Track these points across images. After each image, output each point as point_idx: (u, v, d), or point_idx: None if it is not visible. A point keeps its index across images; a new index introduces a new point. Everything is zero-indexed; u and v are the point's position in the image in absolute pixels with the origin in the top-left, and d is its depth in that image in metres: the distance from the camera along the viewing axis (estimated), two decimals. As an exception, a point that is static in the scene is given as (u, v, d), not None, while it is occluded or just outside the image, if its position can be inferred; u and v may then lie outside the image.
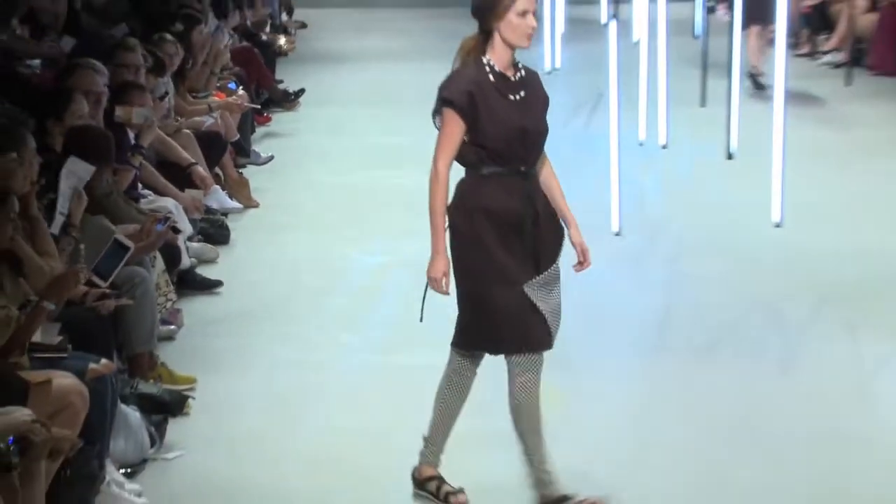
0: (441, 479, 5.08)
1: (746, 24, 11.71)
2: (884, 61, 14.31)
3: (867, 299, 7.38)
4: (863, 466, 5.44)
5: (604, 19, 15.26)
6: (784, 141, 8.59)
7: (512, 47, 4.80)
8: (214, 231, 8.56)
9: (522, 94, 4.87)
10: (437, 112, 4.87)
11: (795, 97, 11.30)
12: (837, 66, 14.55)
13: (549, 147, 5.10)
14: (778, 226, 8.42)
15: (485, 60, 4.80)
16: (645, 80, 10.41)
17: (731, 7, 11.10)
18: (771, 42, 11.77)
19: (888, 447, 5.60)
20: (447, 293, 4.84)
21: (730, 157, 9.76)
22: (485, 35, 4.82)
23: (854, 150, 11.04)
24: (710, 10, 17.02)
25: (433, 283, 4.87)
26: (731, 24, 11.05)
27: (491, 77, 4.79)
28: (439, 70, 15.99)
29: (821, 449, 5.59)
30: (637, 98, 10.17)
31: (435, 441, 5.12)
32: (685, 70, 12.22)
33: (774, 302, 7.43)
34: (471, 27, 4.94)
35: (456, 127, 4.76)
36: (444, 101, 4.78)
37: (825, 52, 15.30)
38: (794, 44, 15.67)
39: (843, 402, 6.10)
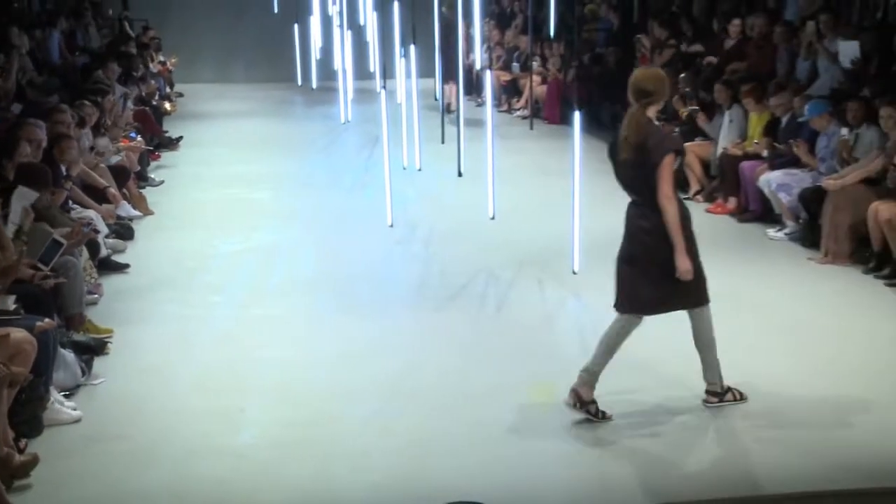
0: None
1: (446, 81, 12.41)
2: (551, 115, 14.64)
3: (548, 264, 7.50)
4: (553, 364, 5.50)
5: (378, 89, 15.14)
6: (493, 165, 8.62)
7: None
8: (123, 231, 8.26)
9: None
10: (660, 159, 4.55)
11: (499, 137, 11.39)
12: (524, 118, 14.79)
13: (346, 173, 5.00)
14: (492, 219, 8.48)
15: (657, 123, 4.74)
16: (405, 127, 10.33)
17: (456, 82, 11.21)
18: (482, 103, 11.92)
19: (566, 355, 5.68)
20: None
21: (460, 175, 9.76)
22: (647, 105, 4.62)
23: (535, 170, 11.22)
24: (445, 82, 17.10)
25: (687, 273, 4.57)
26: (457, 91, 11.09)
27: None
28: (274, 123, 15.58)
29: (523, 357, 5.65)
30: (401, 138, 10.11)
31: (599, 368, 4.76)
32: (431, 120, 12.22)
33: (492, 268, 7.50)
34: (292, 95, 4.80)
35: (673, 166, 4.58)
36: (671, 150, 4.58)
37: (516, 109, 15.56)
38: (497, 104, 15.90)
39: (536, 329, 6.17)
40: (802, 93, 8.69)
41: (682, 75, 10.68)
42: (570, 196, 6.91)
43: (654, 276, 4.64)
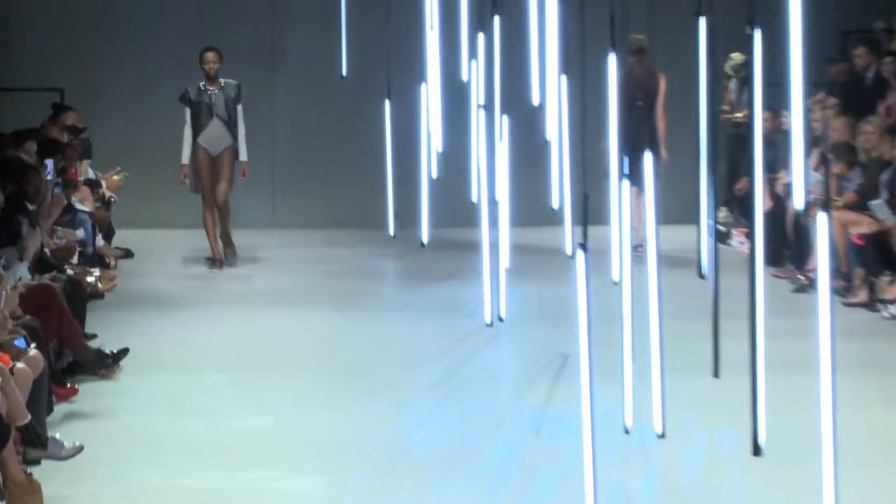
0: None
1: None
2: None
3: None
4: None
5: (568, 249, 15.35)
6: (835, 430, 8.52)
7: None
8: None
9: None
10: None
11: (850, 366, 11.30)
12: (908, 322, 14.73)
13: (492, 438, 5.04)
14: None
15: None
16: (629, 339, 10.38)
17: (751, 235, 11.07)
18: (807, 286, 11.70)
19: None
20: None
21: (757, 451, 9.69)
22: None
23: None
24: (722, 239, 17.23)
25: None
26: (751, 257, 11.05)
27: None
28: (334, 322, 16.11)
29: None
30: (619, 364, 10.14)
31: None
32: (689, 325, 12.24)
33: None
34: (375, 258, 4.92)
35: None
36: None
37: (890, 302, 15.46)
38: (844, 289, 15.85)
39: None
40: None
41: None
42: None
43: None
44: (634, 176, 11.64)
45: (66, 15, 21.01)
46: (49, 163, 15.73)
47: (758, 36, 8.87)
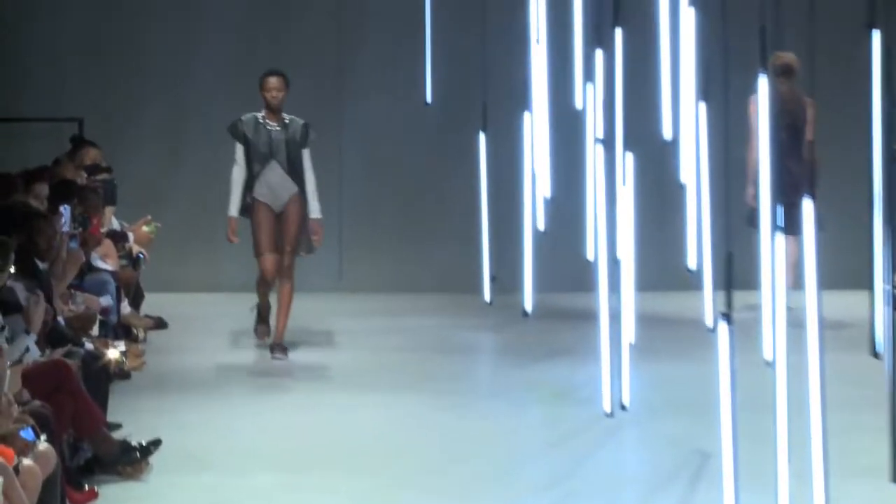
0: None
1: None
2: None
3: None
4: None
5: (708, 319, 15.29)
6: None
7: None
8: None
9: None
10: None
11: None
12: None
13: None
14: None
15: None
16: (785, 434, 10.28)
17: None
18: None
19: None
20: None
21: None
22: None
23: None
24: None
25: None
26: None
27: None
28: (413, 408, 16.16)
29: None
30: (773, 465, 10.05)
31: None
32: (859, 416, 12.14)
33: None
34: (467, 329, 4.87)
35: None
36: None
37: None
38: None
39: None
40: None
41: None
42: None
43: None
44: (788, 226, 11.48)
45: (85, 30, 21.04)
46: (65, 210, 15.74)
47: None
